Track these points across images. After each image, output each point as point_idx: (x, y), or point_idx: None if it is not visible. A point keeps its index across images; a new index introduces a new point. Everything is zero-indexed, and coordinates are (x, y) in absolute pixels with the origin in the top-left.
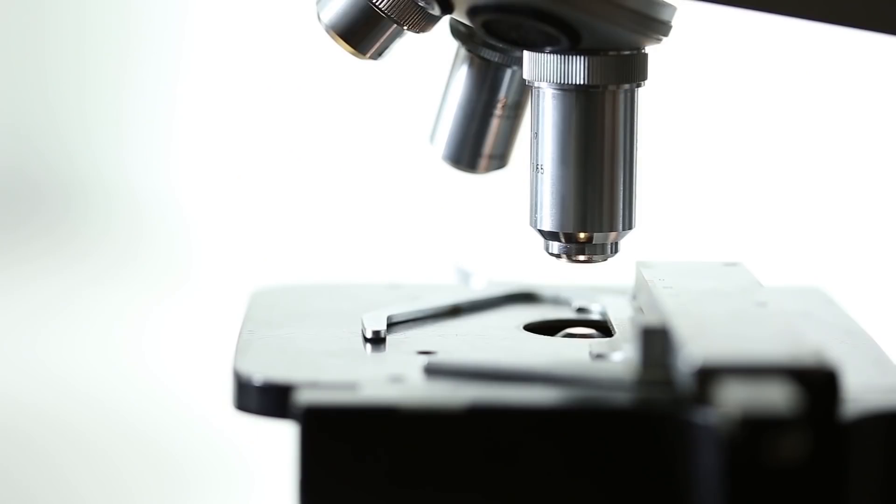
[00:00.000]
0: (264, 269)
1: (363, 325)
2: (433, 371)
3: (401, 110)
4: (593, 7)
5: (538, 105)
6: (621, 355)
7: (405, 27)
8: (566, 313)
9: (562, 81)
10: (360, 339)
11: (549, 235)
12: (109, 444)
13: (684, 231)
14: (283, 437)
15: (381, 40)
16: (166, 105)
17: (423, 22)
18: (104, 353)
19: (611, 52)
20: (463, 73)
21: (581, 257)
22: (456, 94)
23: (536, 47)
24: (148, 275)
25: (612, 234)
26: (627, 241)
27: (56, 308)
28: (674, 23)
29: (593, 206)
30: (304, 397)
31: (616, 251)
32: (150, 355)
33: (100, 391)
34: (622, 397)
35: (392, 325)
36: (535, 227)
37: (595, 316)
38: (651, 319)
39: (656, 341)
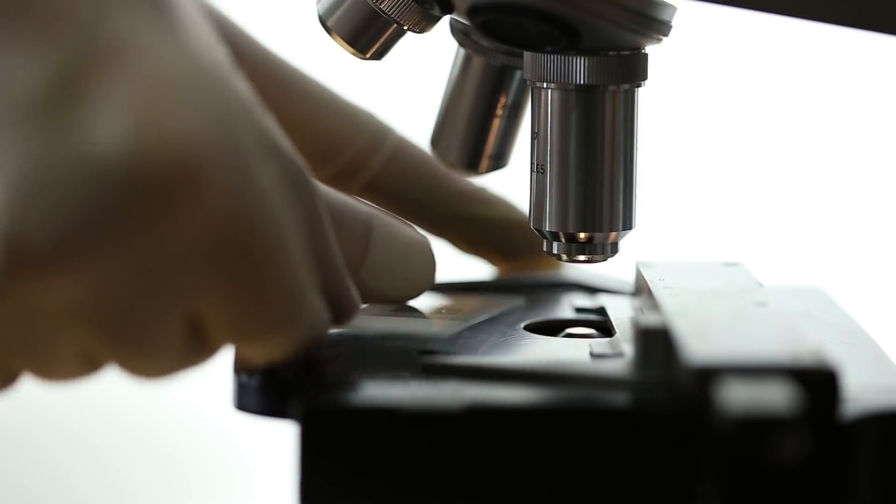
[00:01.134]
0: None
1: None
2: (433, 371)
3: (401, 110)
4: (593, 7)
5: (538, 105)
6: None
7: (405, 27)
8: (566, 313)
9: (562, 81)
10: (360, 339)
11: (550, 235)
12: (110, 444)
13: (684, 231)
14: (283, 437)
15: (382, 40)
16: None
17: (423, 22)
18: None
19: (611, 53)
20: (463, 73)
21: (581, 257)
22: (456, 94)
23: (536, 47)
24: None
25: (613, 234)
26: (627, 241)
27: None
28: (674, 23)
29: (593, 206)
30: (304, 397)
31: (616, 251)
32: None
33: (100, 391)
34: (622, 397)
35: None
36: (535, 227)
37: (595, 316)
38: (651, 319)
39: (656, 341)
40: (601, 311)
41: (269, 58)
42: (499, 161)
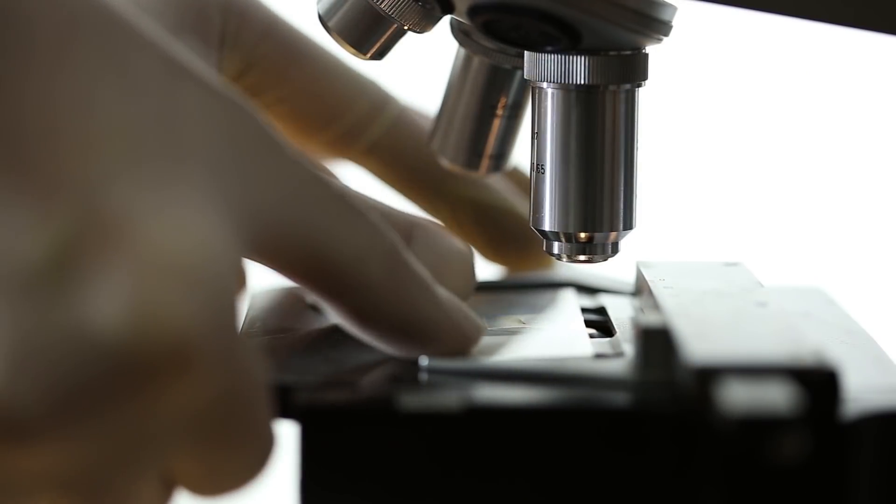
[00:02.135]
0: (264, 269)
1: None
2: (433, 371)
3: None
4: (594, 7)
5: (538, 105)
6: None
7: (405, 27)
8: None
9: (562, 81)
10: (360, 339)
11: (550, 235)
12: None
13: (684, 231)
14: (283, 437)
15: (382, 40)
16: None
17: (423, 22)
18: None
19: (611, 52)
20: (463, 72)
21: (581, 257)
22: (456, 94)
23: (537, 47)
24: None
25: (613, 234)
26: (627, 241)
27: None
28: (674, 23)
29: (594, 206)
30: (304, 397)
31: (616, 251)
32: None
33: None
34: (622, 397)
35: None
36: (535, 227)
37: (595, 316)
38: (651, 319)
39: (656, 341)
40: (601, 311)
41: (277, 23)
42: (499, 161)
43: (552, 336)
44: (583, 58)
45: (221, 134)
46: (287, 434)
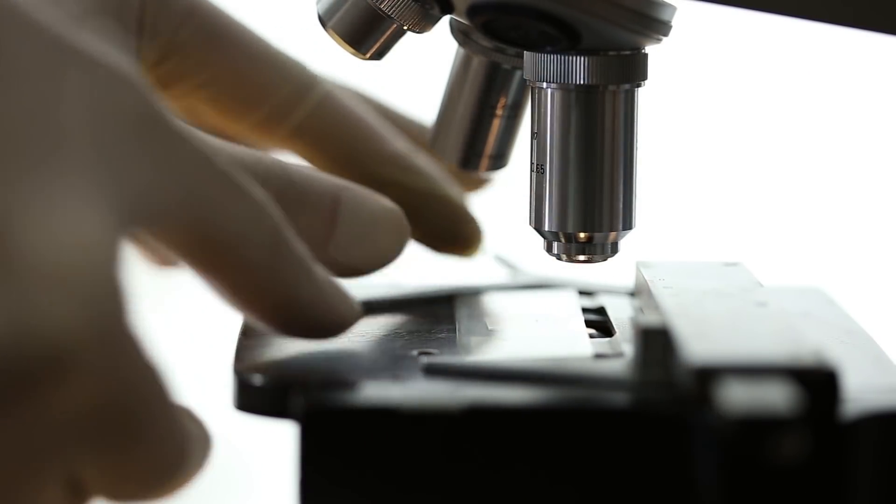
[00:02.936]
0: None
1: None
2: (433, 371)
3: (400, 111)
4: (593, 7)
5: (538, 105)
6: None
7: (405, 27)
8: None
9: (562, 81)
10: (360, 339)
11: (550, 235)
12: None
13: (684, 231)
14: (283, 437)
15: (382, 40)
16: None
17: (423, 22)
18: None
19: (611, 53)
20: (463, 73)
21: (581, 257)
22: (456, 94)
23: (536, 47)
24: (148, 274)
25: (612, 234)
26: (627, 241)
27: None
28: (674, 23)
29: (593, 206)
30: (304, 397)
31: (616, 251)
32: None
33: None
34: (622, 397)
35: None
36: (535, 227)
37: (595, 316)
38: (651, 319)
39: (656, 341)
40: (601, 311)
41: (199, 6)
42: (498, 161)
43: (552, 336)
44: (582, 58)
45: (103, 116)
46: (287, 434)
